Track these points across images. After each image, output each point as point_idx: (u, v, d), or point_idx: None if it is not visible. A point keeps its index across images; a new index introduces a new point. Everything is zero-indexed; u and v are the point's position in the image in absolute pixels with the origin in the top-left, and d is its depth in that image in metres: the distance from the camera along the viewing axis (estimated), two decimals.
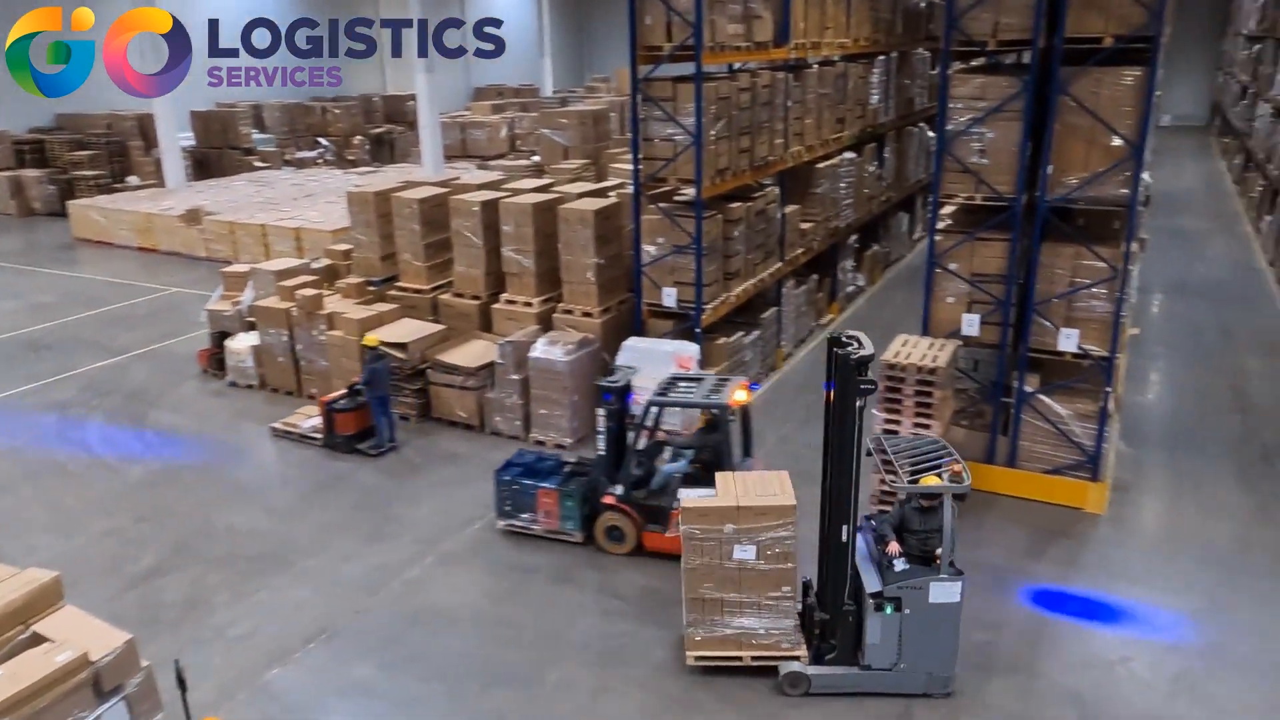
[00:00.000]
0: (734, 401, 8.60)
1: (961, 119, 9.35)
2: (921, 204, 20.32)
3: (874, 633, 6.87)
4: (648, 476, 8.98)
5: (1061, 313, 9.36)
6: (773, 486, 7.25)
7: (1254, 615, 7.94)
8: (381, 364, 11.03)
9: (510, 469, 9.34)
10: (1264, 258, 19.37)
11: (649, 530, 8.76)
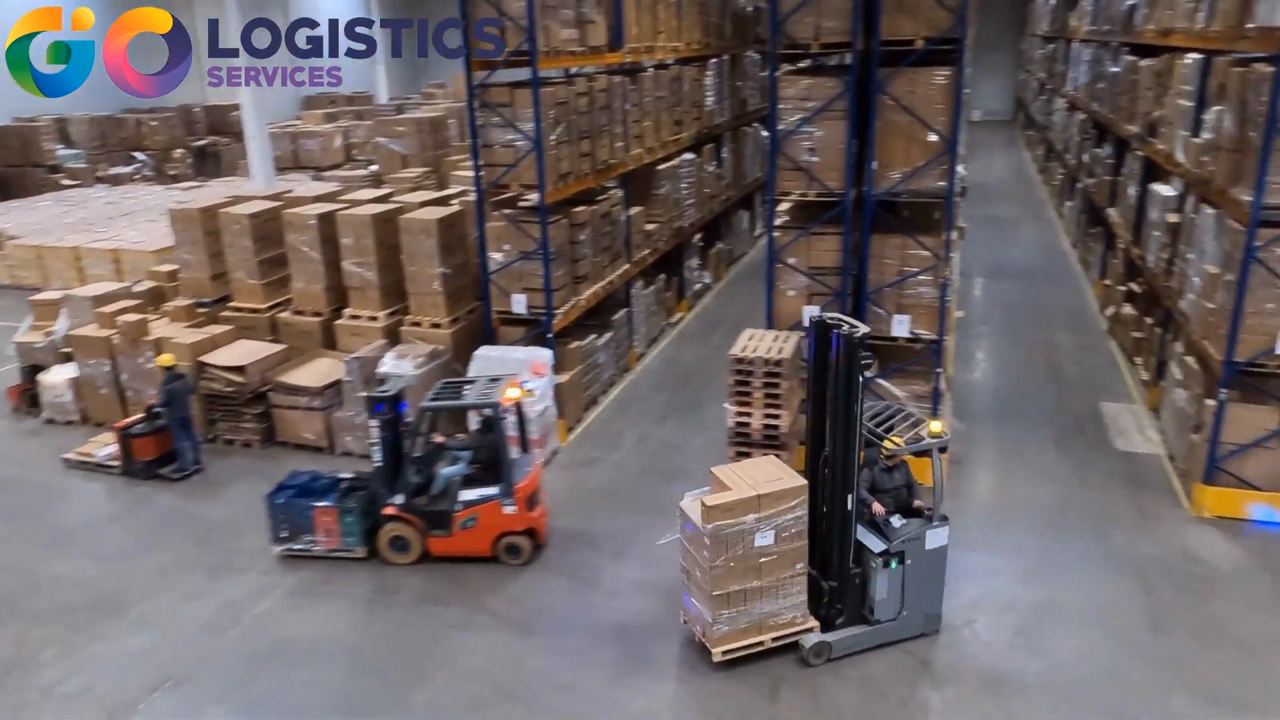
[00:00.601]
0: (506, 399, 8.72)
1: (791, 119, 9.72)
2: (760, 201, 21.00)
3: (881, 588, 7.33)
4: (427, 483, 8.94)
5: (893, 300, 9.89)
6: (772, 471, 7.40)
7: (1076, 570, 8.63)
8: (180, 384, 10.52)
9: (283, 491, 9.03)
10: (1067, 240, 21.09)
11: (433, 536, 8.78)
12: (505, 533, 8.79)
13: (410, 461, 8.86)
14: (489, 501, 8.73)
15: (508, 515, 8.74)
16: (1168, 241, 11.75)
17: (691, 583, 7.47)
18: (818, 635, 7.40)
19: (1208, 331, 9.58)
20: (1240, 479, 9.25)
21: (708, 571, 7.10)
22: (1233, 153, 9.37)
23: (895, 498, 7.61)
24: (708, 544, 7.00)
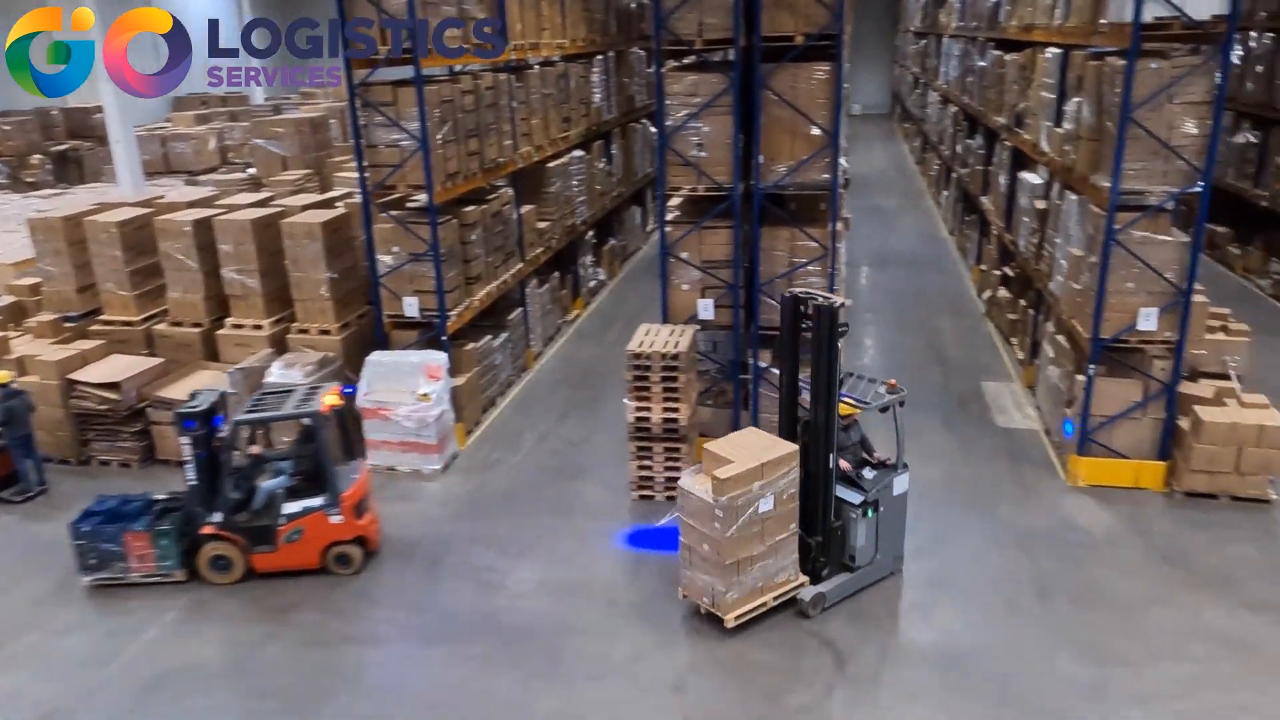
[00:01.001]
0: (326, 407, 8.53)
1: (678, 115, 9.81)
2: (651, 197, 21.14)
3: (860, 536, 8.01)
4: (248, 498, 8.69)
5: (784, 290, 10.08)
6: (759, 441, 7.82)
7: (966, 543, 9.02)
8: (18, 400, 9.98)
9: (89, 518, 8.55)
10: (945, 228, 21.97)
11: (257, 552, 8.53)
12: (334, 543, 8.57)
13: (228, 477, 8.51)
14: (314, 512, 8.49)
15: (335, 525, 8.53)
16: (1036, 227, 12.38)
17: (696, 557, 7.66)
18: (811, 588, 7.89)
19: (1075, 311, 10.13)
20: (1110, 449, 9.82)
21: (721, 542, 7.36)
22: (1092, 141, 9.93)
23: (853, 453, 8.23)
24: (720, 515, 7.27)
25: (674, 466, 9.72)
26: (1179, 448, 9.64)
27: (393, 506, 9.92)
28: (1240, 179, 17.33)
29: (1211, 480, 9.42)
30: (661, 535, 9.11)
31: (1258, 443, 9.23)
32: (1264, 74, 16.29)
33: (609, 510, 9.78)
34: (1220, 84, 8.79)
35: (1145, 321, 9.39)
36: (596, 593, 8.41)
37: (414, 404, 10.31)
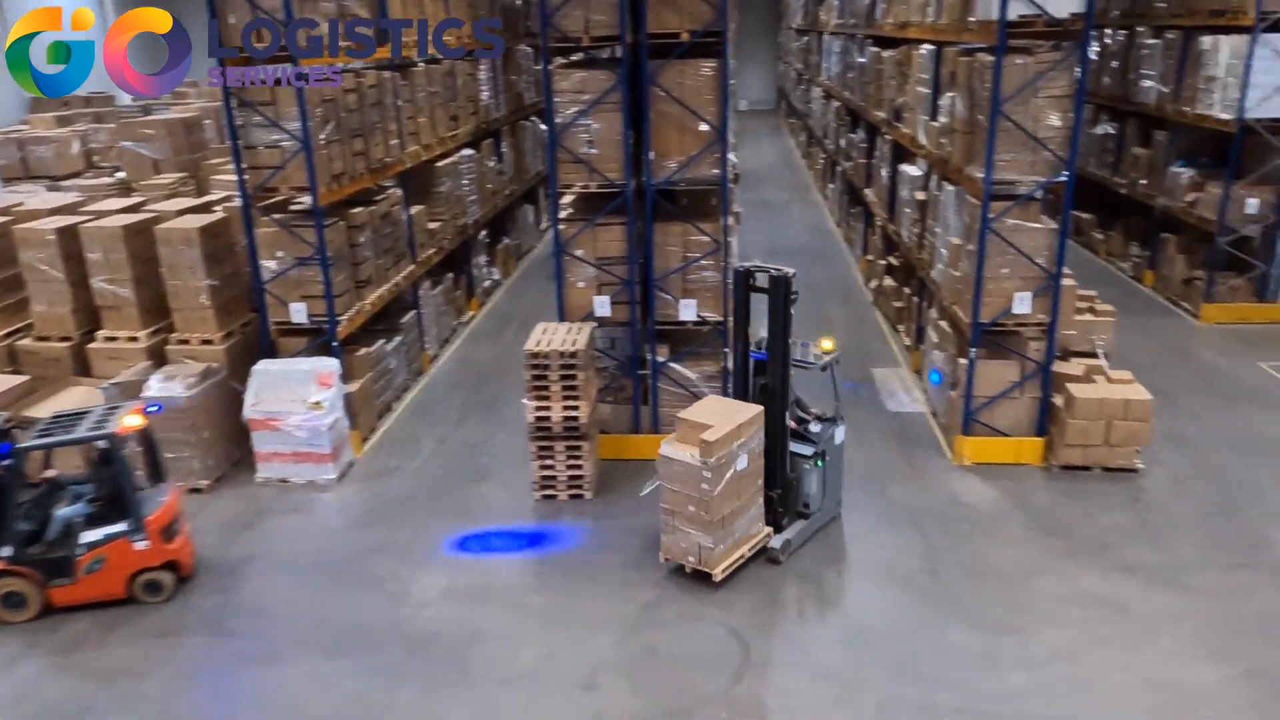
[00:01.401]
0: (124, 428, 8.11)
1: (568, 112, 9.79)
2: (544, 195, 21.03)
3: (813, 485, 8.86)
4: (42, 528, 8.20)
5: (679, 286, 10.21)
6: (726, 406, 8.49)
7: (862, 525, 9.29)
8: None
9: None
10: (833, 220, 22.58)
11: (55, 585, 8.01)
12: (141, 570, 8.15)
13: (16, 508, 7.96)
14: (116, 539, 8.05)
15: (141, 551, 8.10)
16: (917, 217, 12.86)
17: (680, 520, 8.15)
18: (778, 536, 8.63)
19: (956, 297, 10.57)
20: (992, 428, 10.29)
21: (708, 501, 7.91)
22: (965, 134, 10.37)
23: (791, 413, 8.85)
24: (709, 476, 7.82)
25: (576, 465, 9.72)
26: (1054, 424, 10.18)
27: (287, 520, 9.61)
28: (1101, 168, 18.39)
29: (1085, 453, 9.98)
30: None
31: (1124, 416, 9.82)
32: (1118, 69, 17.32)
33: (513, 512, 9.71)
34: (1080, 78, 9.31)
35: (1020, 305, 9.87)
36: (504, 595, 8.34)
37: (305, 413, 10.01)
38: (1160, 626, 7.63)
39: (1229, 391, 12.09)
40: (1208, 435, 10.85)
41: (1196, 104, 14.59)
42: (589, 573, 8.62)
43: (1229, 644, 7.38)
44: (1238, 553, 8.62)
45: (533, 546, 9.12)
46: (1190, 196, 15.05)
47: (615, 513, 9.62)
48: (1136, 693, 6.92)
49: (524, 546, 9.12)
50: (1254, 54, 13.26)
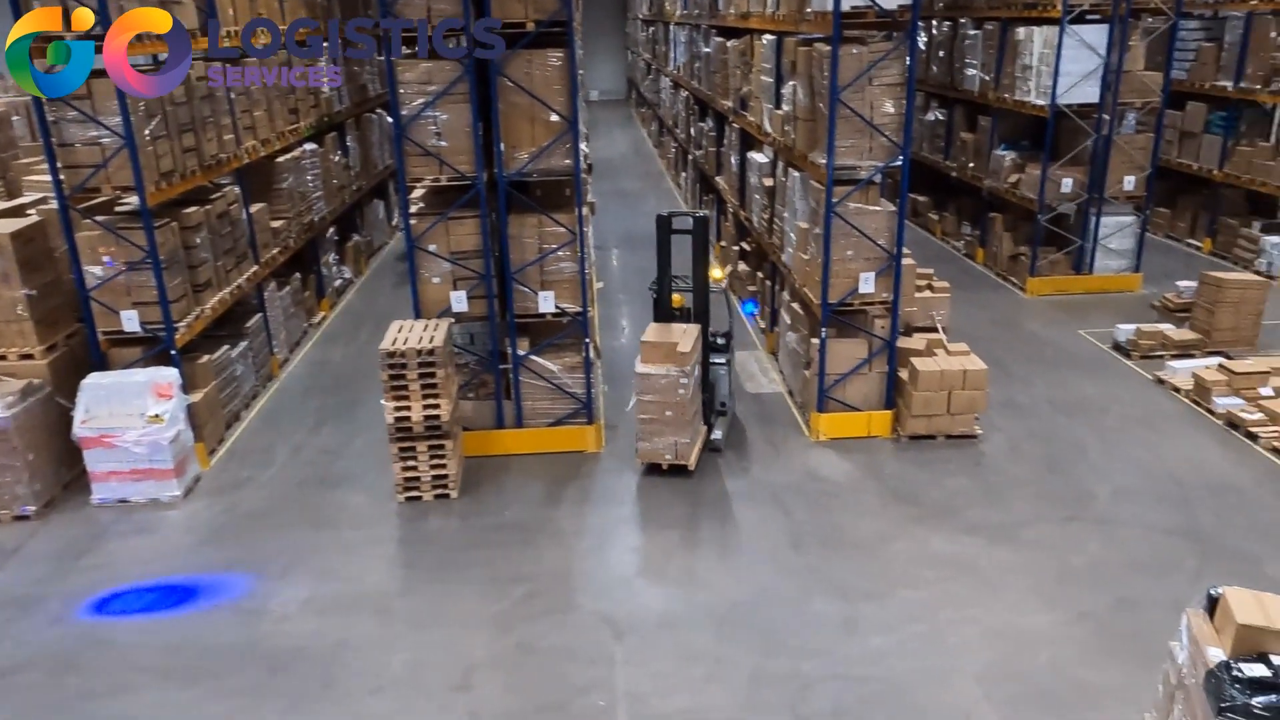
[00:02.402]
0: None
1: (414, 104, 9.54)
2: (394, 190, 20.45)
3: (725, 387, 10.76)
4: None
5: (536, 278, 10.14)
6: (671, 330, 10.00)
7: (724, 505, 9.53)
8: None
9: None
10: (687, 208, 22.94)
11: None
12: None
13: None
14: None
15: None
16: (767, 203, 13.23)
17: (658, 425, 9.71)
18: (715, 432, 10.43)
19: (806, 280, 10.95)
20: (844, 403, 10.73)
21: (684, 404, 9.55)
22: (807, 122, 10.73)
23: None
24: (684, 382, 9.52)
25: (440, 464, 9.53)
26: (901, 397, 10.71)
27: (130, 542, 9.03)
28: (933, 152, 19.44)
29: (929, 423, 10.55)
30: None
31: (963, 386, 10.44)
32: (945, 58, 18.33)
33: (376, 517, 9.44)
34: (910, 67, 9.78)
35: (865, 285, 10.32)
36: (370, 602, 8.10)
37: (144, 427, 9.40)
38: (1002, 580, 8.17)
39: (1054, 358, 13.04)
40: (1037, 399, 11.67)
41: (1015, 91, 15.61)
42: (459, 573, 8.49)
43: (1061, 591, 7.99)
44: (1067, 507, 9.32)
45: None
46: (1013, 178, 16.11)
47: (483, 510, 9.50)
48: (984, 643, 7.39)
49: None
50: (1063, 44, 14.29)
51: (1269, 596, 5.05)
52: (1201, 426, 10.89)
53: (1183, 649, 5.23)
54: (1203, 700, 4.82)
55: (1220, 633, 5.00)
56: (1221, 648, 4.89)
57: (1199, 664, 4.96)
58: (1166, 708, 5.40)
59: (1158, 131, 15.37)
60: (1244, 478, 9.76)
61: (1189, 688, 5.06)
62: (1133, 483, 9.68)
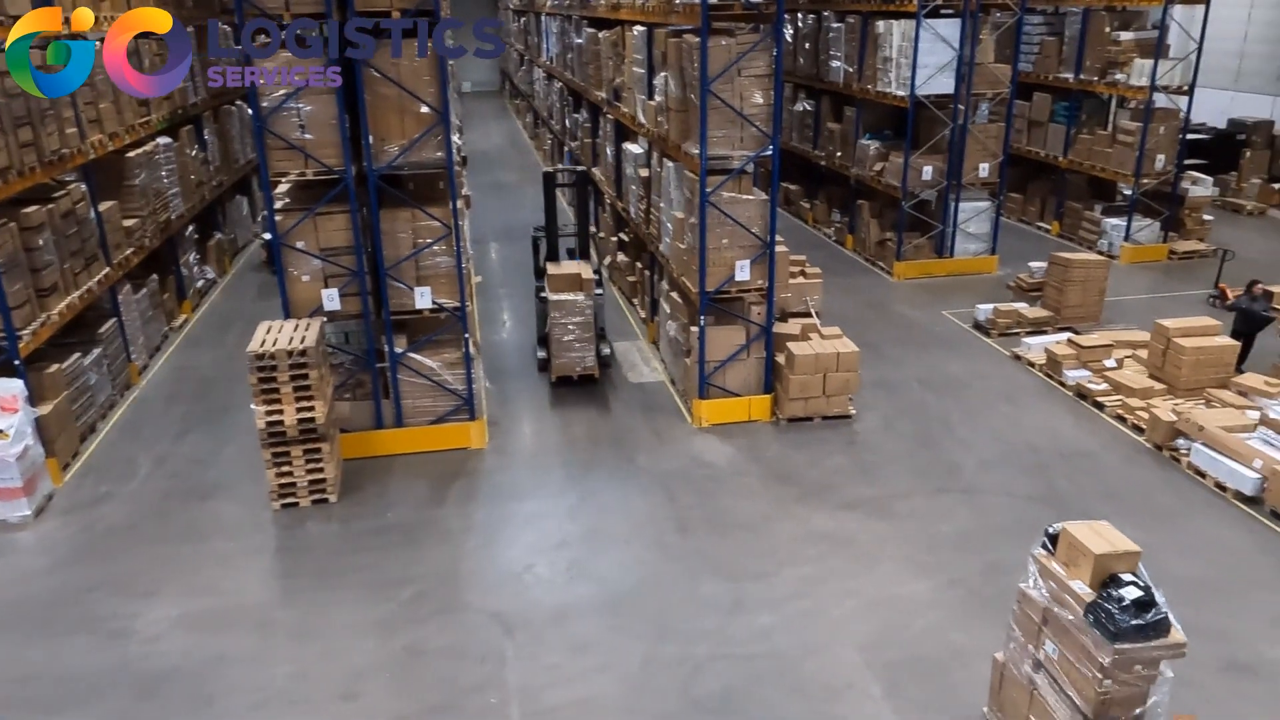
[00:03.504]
0: None
1: (275, 95, 9.16)
2: (257, 185, 19.60)
3: (603, 316, 12.25)
4: None
5: (412, 273, 9.92)
6: (571, 264, 12.06)
7: (613, 496, 9.59)
8: None
9: None
10: (564, 199, 22.81)
11: None
12: None
13: None
14: None
15: None
16: (643, 194, 13.31)
17: (567, 341, 11.59)
18: (604, 349, 12.07)
19: (683, 269, 11.09)
20: (725, 389, 10.93)
21: (589, 323, 11.57)
22: (680, 113, 10.85)
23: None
24: (590, 304, 11.49)
25: (317, 468, 9.22)
26: (779, 381, 10.99)
27: None
28: (803, 142, 19.97)
29: (806, 405, 10.87)
30: None
31: (837, 368, 10.79)
32: (811, 50, 18.84)
33: (250, 527, 9.07)
34: (777, 59, 10.01)
35: (741, 273, 10.53)
36: (247, 615, 7.78)
37: None
38: (879, 552, 8.50)
39: (921, 338, 13.63)
40: (906, 378, 12.18)
41: (877, 82, 16.20)
42: (341, 579, 8.25)
43: (934, 560, 8.38)
44: (937, 479, 9.77)
45: None
46: (878, 166, 16.72)
47: (365, 513, 9.26)
48: (866, 613, 7.68)
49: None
50: (919, 37, 14.90)
51: (1100, 524, 5.63)
52: (1054, 398, 11.60)
53: (1038, 588, 5.68)
54: (1085, 631, 5.30)
55: (1072, 566, 5.52)
56: (1081, 579, 5.39)
57: (1066, 597, 5.45)
58: (1029, 644, 5.82)
59: (1008, 121, 16.24)
60: (1093, 444, 10.45)
61: (1062, 621, 5.50)
62: (995, 454, 10.22)
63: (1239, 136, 22.36)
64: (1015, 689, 5.99)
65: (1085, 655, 5.35)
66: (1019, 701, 5.97)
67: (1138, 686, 5.34)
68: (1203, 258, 17.00)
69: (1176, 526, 8.87)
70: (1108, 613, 5.19)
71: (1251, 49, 27.66)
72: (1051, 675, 5.67)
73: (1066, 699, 5.53)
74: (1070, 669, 5.49)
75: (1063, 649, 5.55)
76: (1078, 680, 5.44)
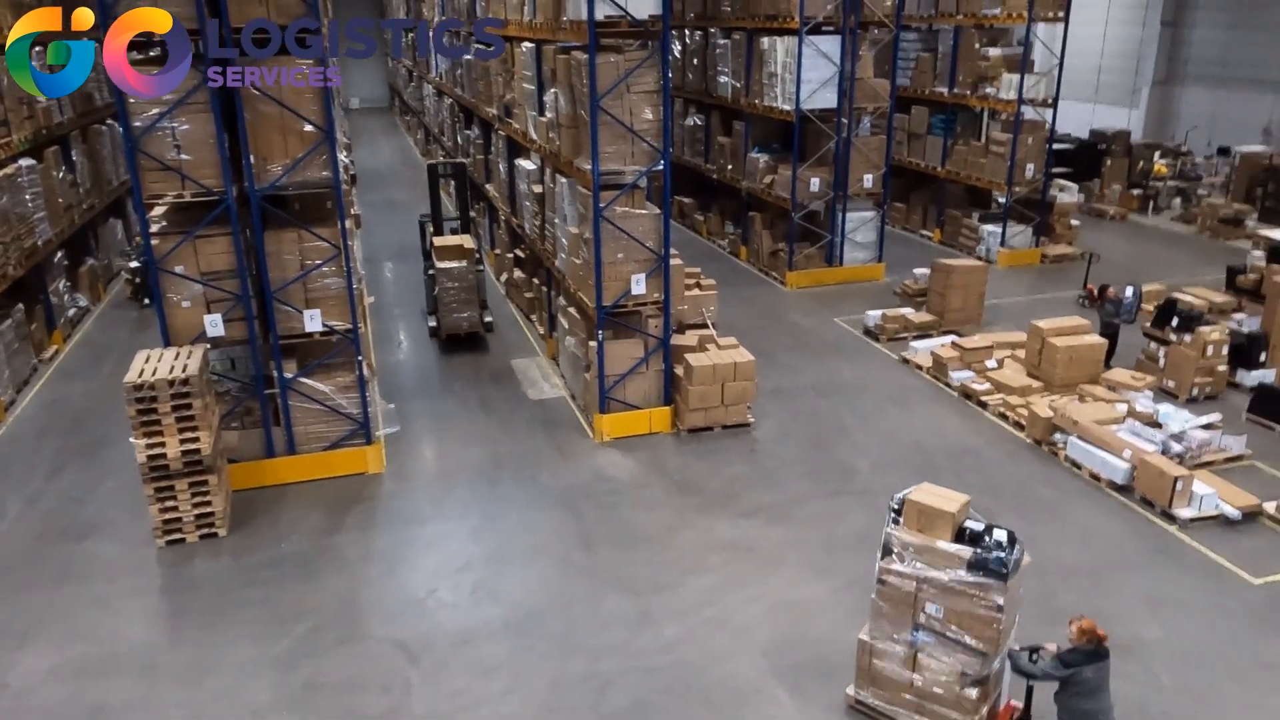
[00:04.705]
0: None
1: (148, 114, 8.79)
2: (132, 208, 18.74)
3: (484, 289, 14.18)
4: None
5: (300, 296, 9.64)
6: (452, 240, 13.99)
7: (517, 515, 9.50)
8: None
9: None
10: None
11: None
12: None
13: None
14: None
15: None
16: (537, 210, 13.29)
17: (457, 308, 13.62)
18: (487, 316, 13.98)
19: (580, 284, 11.10)
20: (625, 403, 10.98)
21: (473, 287, 13.67)
22: (571, 129, 10.89)
23: None
24: (471, 272, 13.55)
25: (204, 502, 8.85)
26: (678, 392, 11.10)
27: None
28: (694, 156, 20.28)
29: (706, 415, 11.01)
30: None
31: (735, 378, 10.97)
32: (699, 66, 19.18)
33: (132, 567, 8.63)
34: (664, 75, 10.15)
35: (637, 286, 10.61)
36: (131, 662, 7.38)
37: None
38: (781, 557, 8.66)
39: (814, 345, 13.99)
40: (802, 385, 12.47)
41: (764, 97, 16.60)
42: (233, 615, 7.92)
43: (832, 562, 8.58)
44: (834, 482, 10.03)
45: None
46: (768, 179, 17.11)
47: (257, 545, 8.92)
48: (769, 618, 7.80)
49: None
50: (802, 53, 15.34)
51: (925, 486, 6.38)
52: (941, 399, 12.07)
53: (904, 559, 6.19)
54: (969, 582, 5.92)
55: (929, 530, 6.13)
56: (943, 538, 6.10)
57: (938, 558, 6.04)
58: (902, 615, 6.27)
59: (889, 133, 16.86)
60: (978, 441, 10.91)
61: (941, 582, 6.01)
62: (888, 455, 10.56)
63: (1100, 146, 23.80)
64: (890, 660, 6.45)
65: (976, 601, 5.95)
66: (897, 670, 6.43)
67: (1014, 611, 6.19)
68: (1072, 261, 17.97)
69: (1056, 516, 9.32)
70: (996, 559, 5.89)
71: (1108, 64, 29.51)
72: (938, 633, 6.17)
73: (960, 646, 6.09)
74: (962, 618, 6.04)
75: (948, 605, 6.04)
76: (973, 625, 6.01)
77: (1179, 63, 27.57)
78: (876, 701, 6.61)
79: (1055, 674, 5.72)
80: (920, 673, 6.33)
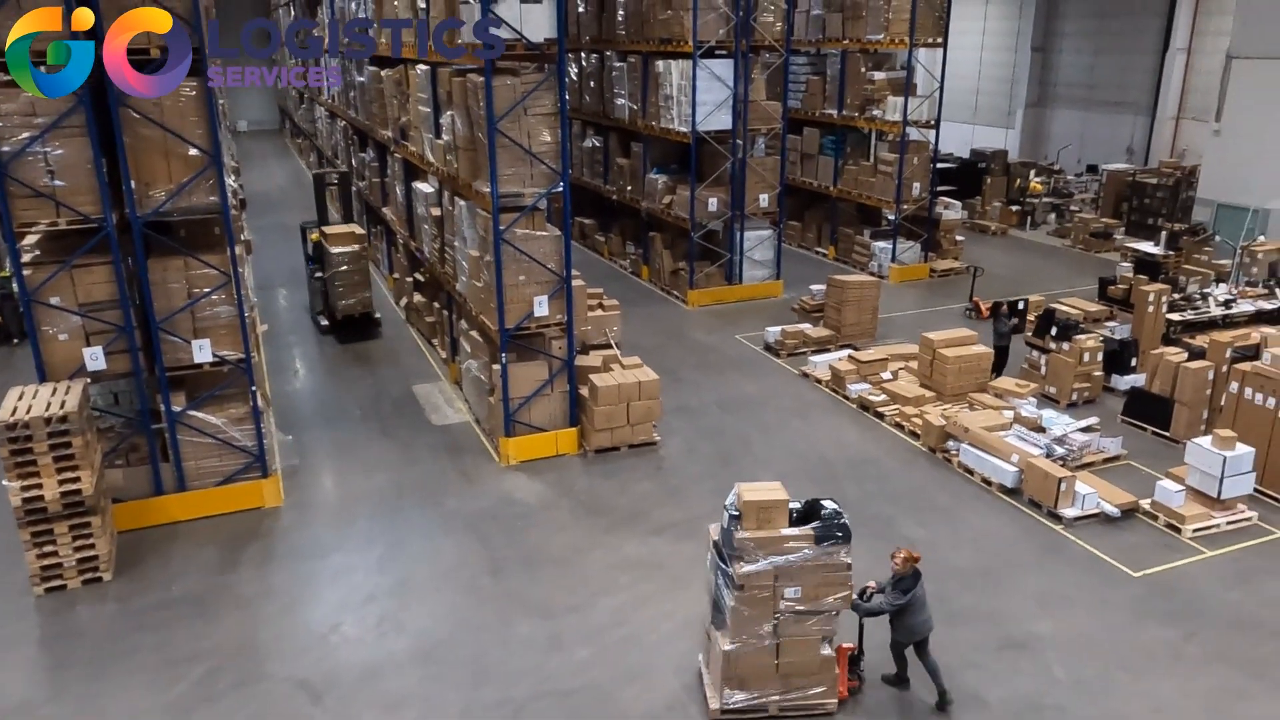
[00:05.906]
0: None
1: (18, 138, 8.37)
2: None
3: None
4: None
5: (188, 325, 9.28)
6: (342, 228, 15.08)
7: (422, 543, 9.32)
8: None
9: None
10: None
11: None
12: None
13: None
14: None
15: None
16: (436, 233, 13.14)
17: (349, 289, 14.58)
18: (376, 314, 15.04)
19: (482, 307, 11.01)
20: (531, 425, 10.92)
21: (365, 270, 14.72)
22: (469, 151, 10.83)
23: None
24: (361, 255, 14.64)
25: (86, 545, 8.39)
26: (584, 413, 11.10)
27: None
28: (594, 177, 20.41)
29: (612, 435, 11.04)
30: None
31: (639, 397, 11.04)
32: (596, 88, 19.34)
33: (7, 616, 8.12)
34: (561, 97, 10.21)
35: (539, 308, 10.59)
36: (8, 718, 6.92)
37: None
38: (690, 573, 8.71)
39: (717, 362, 14.19)
40: (706, 402, 12.64)
41: (660, 119, 16.84)
42: (121, 663, 7.52)
43: None
44: None
45: None
46: (667, 199, 17.34)
47: (146, 588, 8.50)
48: (681, 634, 7.84)
49: None
50: (696, 76, 15.65)
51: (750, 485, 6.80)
52: (840, 411, 12.40)
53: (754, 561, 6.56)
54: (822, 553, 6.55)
55: (770, 524, 6.60)
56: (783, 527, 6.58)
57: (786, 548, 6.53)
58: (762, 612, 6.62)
59: (782, 154, 17.32)
60: (876, 451, 11.25)
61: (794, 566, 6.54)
62: (791, 467, 10.78)
63: (980, 165, 24.97)
64: (757, 653, 6.76)
65: (829, 569, 6.58)
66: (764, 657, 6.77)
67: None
68: (958, 274, 18.76)
69: (951, 521, 9.67)
70: (840, 525, 6.58)
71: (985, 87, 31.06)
72: (797, 611, 6.65)
73: (821, 615, 6.67)
74: (820, 589, 6.63)
75: (804, 582, 6.59)
76: (830, 590, 6.62)
77: (1049, 86, 29.24)
78: (742, 700, 6.85)
79: (900, 602, 6.71)
80: (783, 656, 6.75)
